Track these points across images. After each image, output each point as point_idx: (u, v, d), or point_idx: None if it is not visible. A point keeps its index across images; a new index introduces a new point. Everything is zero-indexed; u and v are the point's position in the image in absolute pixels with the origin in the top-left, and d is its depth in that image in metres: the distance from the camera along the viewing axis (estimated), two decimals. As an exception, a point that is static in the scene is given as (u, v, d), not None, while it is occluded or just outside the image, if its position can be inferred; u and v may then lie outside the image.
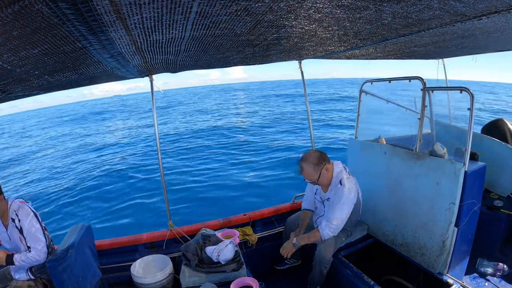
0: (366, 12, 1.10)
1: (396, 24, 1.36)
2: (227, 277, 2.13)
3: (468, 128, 1.96)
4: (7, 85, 1.21)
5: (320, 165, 2.18)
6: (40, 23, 0.67)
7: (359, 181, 2.31)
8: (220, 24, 1.01)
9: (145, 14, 0.77)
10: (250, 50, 1.71)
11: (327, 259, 2.27)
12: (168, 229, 2.69)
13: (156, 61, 1.63)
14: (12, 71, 1.03)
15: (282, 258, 2.84)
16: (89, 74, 1.51)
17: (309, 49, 2.06)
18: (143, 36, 0.99)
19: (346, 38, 1.71)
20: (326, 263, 2.28)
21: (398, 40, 1.85)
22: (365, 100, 2.89)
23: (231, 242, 2.26)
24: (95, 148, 14.78)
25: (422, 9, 1.13)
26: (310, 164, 2.18)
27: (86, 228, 2.16)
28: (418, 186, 2.22)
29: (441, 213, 2.06)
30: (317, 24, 1.24)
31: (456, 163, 1.97)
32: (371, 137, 2.84)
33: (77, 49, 0.97)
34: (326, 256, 2.26)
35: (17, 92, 1.40)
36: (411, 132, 2.44)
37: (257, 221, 2.97)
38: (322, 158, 2.21)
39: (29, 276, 1.95)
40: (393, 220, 2.48)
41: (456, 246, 2.07)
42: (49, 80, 1.37)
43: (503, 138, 3.03)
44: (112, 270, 2.54)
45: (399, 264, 2.42)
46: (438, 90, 2.41)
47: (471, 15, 1.26)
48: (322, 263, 2.27)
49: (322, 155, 2.22)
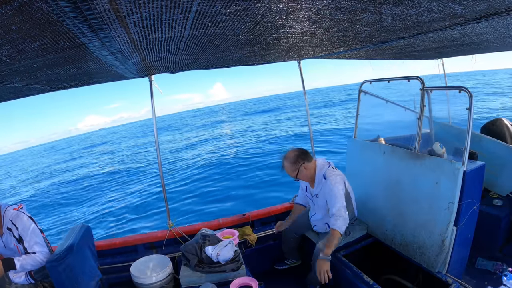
0: (366, 14, 1.11)
1: (396, 26, 1.36)
2: (226, 277, 2.13)
3: (467, 128, 1.97)
4: (5, 76, 1.21)
5: (297, 163, 2.24)
6: (40, 19, 0.67)
7: (358, 181, 2.32)
8: (220, 24, 1.01)
9: (144, 13, 0.77)
10: (249, 49, 1.71)
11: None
12: (168, 229, 2.69)
13: (155, 59, 1.63)
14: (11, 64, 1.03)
15: (282, 258, 2.85)
16: (88, 69, 1.51)
17: (309, 49, 2.06)
18: (142, 35, 1.00)
19: (346, 40, 1.71)
20: None
21: (398, 43, 1.86)
22: (364, 100, 2.89)
23: (231, 242, 2.26)
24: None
25: (422, 11, 1.13)
26: (288, 162, 2.26)
27: (86, 228, 2.15)
28: (417, 185, 2.23)
29: (440, 213, 2.06)
30: (317, 26, 1.24)
31: (455, 162, 1.97)
32: (370, 137, 2.85)
33: (76, 45, 0.97)
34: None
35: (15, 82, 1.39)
36: (410, 131, 2.44)
37: (256, 221, 2.97)
38: (300, 157, 2.25)
39: (29, 280, 1.93)
40: (392, 220, 2.48)
41: (456, 245, 2.07)
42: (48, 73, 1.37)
43: (502, 138, 3.04)
44: (112, 270, 2.54)
45: (398, 263, 2.42)
46: (437, 90, 2.42)
47: (470, 17, 1.27)
48: None
49: (300, 154, 2.27)
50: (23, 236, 1.85)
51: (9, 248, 1.90)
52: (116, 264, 2.56)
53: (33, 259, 1.84)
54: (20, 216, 1.87)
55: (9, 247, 1.90)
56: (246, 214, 2.96)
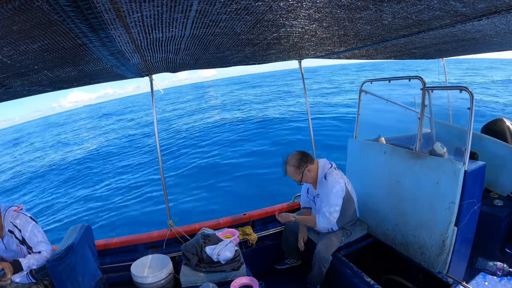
0: (366, 12, 1.10)
1: (396, 24, 1.36)
2: (227, 276, 2.13)
3: (468, 128, 1.96)
4: (6, 79, 1.21)
5: (301, 167, 2.26)
6: (40, 19, 0.67)
7: (359, 180, 2.31)
8: (220, 23, 1.01)
9: (145, 12, 0.77)
10: (250, 49, 1.71)
11: (327, 258, 2.28)
12: (168, 228, 2.69)
13: (156, 60, 1.63)
14: (12, 66, 1.03)
15: (282, 257, 2.85)
16: (89, 71, 1.51)
17: (309, 49, 2.06)
18: (142, 34, 0.99)
19: (346, 39, 1.71)
20: (325, 262, 2.28)
21: (399, 41, 1.85)
22: (365, 99, 2.89)
23: (231, 242, 2.26)
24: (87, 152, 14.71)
25: (422, 9, 1.12)
26: (292, 167, 2.26)
27: (86, 228, 2.15)
28: (418, 185, 2.22)
29: (441, 213, 2.06)
30: (317, 24, 1.24)
31: (456, 162, 1.97)
32: (370, 136, 2.85)
33: (77, 46, 0.97)
34: (325, 255, 2.27)
35: (16, 87, 1.39)
36: (411, 131, 2.44)
37: (257, 221, 2.97)
38: (303, 161, 2.26)
39: (30, 279, 1.94)
40: (393, 220, 2.48)
41: (456, 245, 2.07)
42: (49, 76, 1.37)
43: (503, 138, 3.03)
44: (112, 270, 2.54)
45: (399, 263, 2.42)
46: (438, 89, 2.42)
47: (471, 15, 1.26)
48: (322, 262, 2.28)
49: (303, 158, 2.27)
50: (27, 237, 1.85)
51: (10, 250, 1.90)
52: (117, 263, 2.56)
53: (39, 257, 1.85)
54: (21, 217, 1.88)
55: (10, 249, 1.90)
56: (247, 214, 2.96)
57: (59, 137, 25.97)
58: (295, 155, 2.31)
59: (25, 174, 12.89)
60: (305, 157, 2.28)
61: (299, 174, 2.27)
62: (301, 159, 2.27)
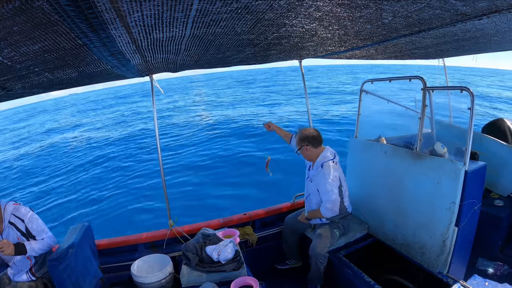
0: (367, 10, 1.10)
1: (397, 23, 1.36)
2: (227, 276, 2.13)
3: (468, 128, 1.96)
4: (7, 81, 1.21)
5: (301, 143, 2.41)
6: (41, 19, 0.67)
7: (359, 180, 2.31)
8: (221, 22, 1.01)
9: (145, 11, 0.77)
10: (251, 50, 1.70)
11: (322, 254, 2.29)
12: (168, 228, 2.69)
13: (157, 60, 1.63)
14: (12, 67, 1.02)
15: (283, 257, 2.85)
16: (89, 72, 1.51)
17: (310, 49, 2.06)
18: (143, 34, 0.99)
19: (347, 38, 1.70)
20: (321, 258, 2.29)
21: (399, 41, 1.85)
22: (366, 99, 2.89)
23: (231, 242, 2.26)
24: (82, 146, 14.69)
25: (423, 8, 1.12)
26: (298, 137, 2.45)
27: (86, 228, 2.16)
28: (418, 185, 2.22)
29: (441, 213, 2.06)
30: (318, 23, 1.24)
31: (457, 162, 1.97)
32: (371, 136, 2.84)
33: (78, 46, 0.97)
34: (321, 251, 2.29)
35: (17, 90, 1.40)
36: (412, 131, 2.44)
37: (257, 221, 2.97)
38: (307, 140, 2.39)
39: (30, 277, 1.95)
40: (393, 220, 2.48)
41: (457, 245, 2.06)
42: (49, 78, 1.37)
43: (503, 138, 3.03)
44: (112, 269, 2.54)
45: (399, 263, 2.42)
46: (439, 89, 2.41)
47: (472, 14, 1.26)
48: (317, 258, 2.29)
49: (310, 138, 2.39)
50: (30, 226, 1.88)
51: None
52: (117, 263, 2.56)
53: (42, 243, 1.89)
54: (22, 208, 1.91)
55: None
56: (247, 214, 2.96)
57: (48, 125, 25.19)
58: (306, 130, 2.43)
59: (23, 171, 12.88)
60: (312, 139, 2.37)
61: (298, 145, 2.43)
62: (307, 138, 2.38)
